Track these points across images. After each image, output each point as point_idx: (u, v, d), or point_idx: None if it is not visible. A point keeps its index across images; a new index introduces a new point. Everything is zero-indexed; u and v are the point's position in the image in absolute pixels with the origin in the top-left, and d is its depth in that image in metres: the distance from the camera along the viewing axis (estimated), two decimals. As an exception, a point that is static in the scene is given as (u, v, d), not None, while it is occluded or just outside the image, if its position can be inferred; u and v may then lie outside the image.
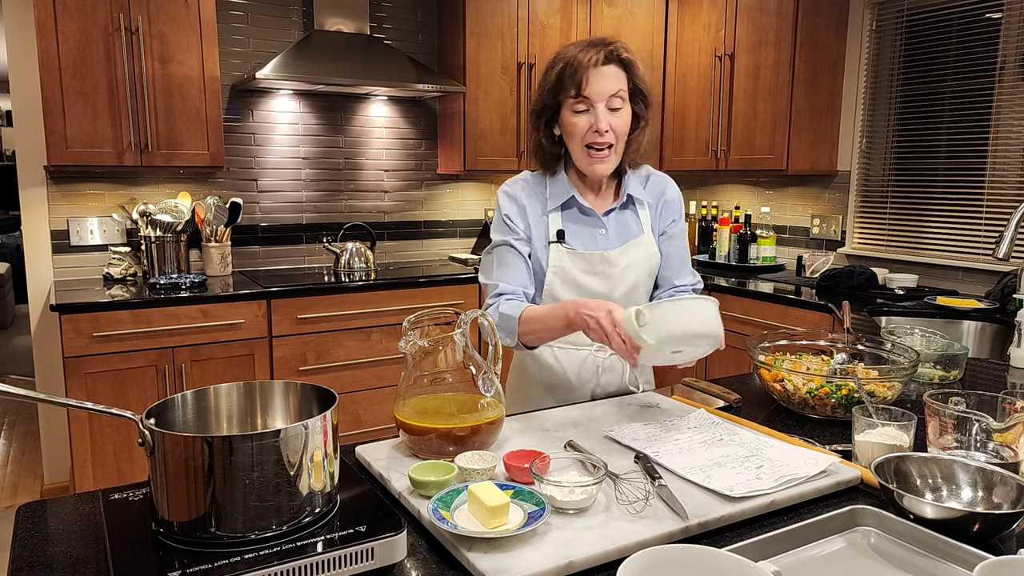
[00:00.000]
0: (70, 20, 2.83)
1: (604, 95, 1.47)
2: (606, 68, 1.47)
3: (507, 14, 3.70)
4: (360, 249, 3.61)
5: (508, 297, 1.53)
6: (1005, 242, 1.95)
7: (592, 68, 1.47)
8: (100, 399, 2.78)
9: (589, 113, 1.49)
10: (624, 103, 1.50)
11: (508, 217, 1.58)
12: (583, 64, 1.47)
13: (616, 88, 1.48)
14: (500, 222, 1.60)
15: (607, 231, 1.60)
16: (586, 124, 1.49)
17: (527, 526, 0.92)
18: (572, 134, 1.52)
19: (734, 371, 3.28)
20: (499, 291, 1.55)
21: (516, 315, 1.48)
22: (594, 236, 1.60)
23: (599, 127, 1.48)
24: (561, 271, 1.57)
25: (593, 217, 1.60)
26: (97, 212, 3.30)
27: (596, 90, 1.47)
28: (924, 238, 3.34)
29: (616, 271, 1.58)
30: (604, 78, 1.47)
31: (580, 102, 1.48)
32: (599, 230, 1.60)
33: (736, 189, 4.18)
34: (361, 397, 3.30)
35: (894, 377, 1.45)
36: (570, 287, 1.57)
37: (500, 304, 1.51)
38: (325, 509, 0.92)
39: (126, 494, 0.99)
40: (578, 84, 1.47)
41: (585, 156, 1.52)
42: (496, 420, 1.22)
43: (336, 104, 3.74)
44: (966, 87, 3.14)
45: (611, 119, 1.49)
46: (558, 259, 1.57)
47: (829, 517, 1.00)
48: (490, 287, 1.57)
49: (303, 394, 1.03)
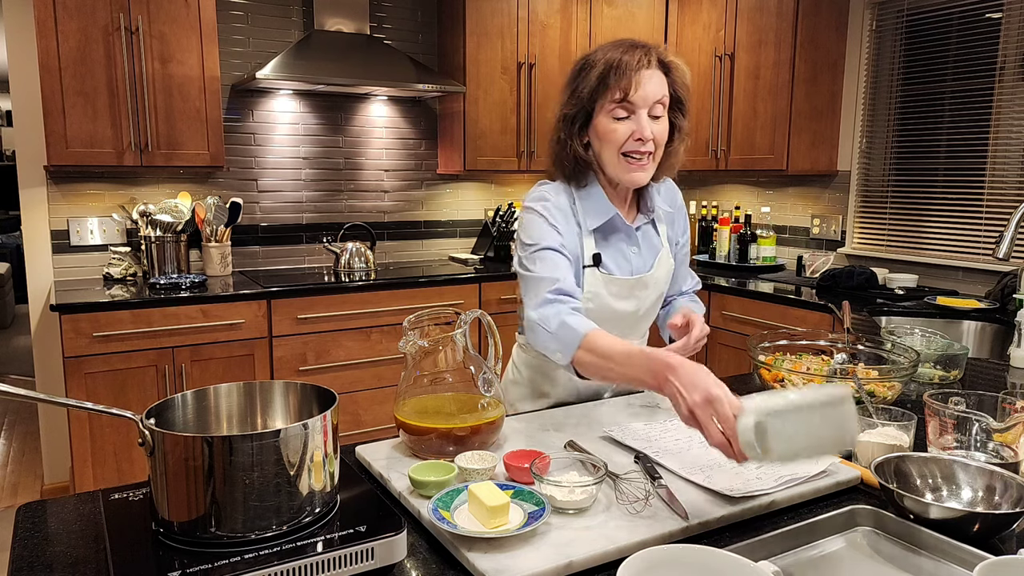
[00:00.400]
0: (70, 20, 2.83)
1: (648, 101, 1.37)
2: (652, 72, 1.37)
3: (507, 14, 3.70)
4: (360, 249, 3.61)
5: (575, 306, 1.34)
6: (1005, 242, 1.95)
7: (643, 70, 1.36)
8: (100, 399, 2.78)
9: (630, 120, 1.37)
10: (664, 110, 1.41)
11: (555, 225, 1.43)
12: (630, 66, 1.35)
13: (660, 94, 1.38)
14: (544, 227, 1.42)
15: (640, 249, 1.52)
16: (627, 131, 1.38)
17: (527, 526, 0.92)
18: (610, 141, 1.40)
19: (734, 371, 3.28)
20: (559, 288, 1.35)
21: (582, 332, 1.27)
22: (627, 255, 1.51)
23: (643, 134, 1.37)
24: (596, 296, 1.48)
25: (628, 232, 1.51)
26: (97, 212, 3.30)
27: (642, 95, 1.36)
28: (924, 238, 3.34)
29: (648, 291, 1.53)
30: (651, 82, 1.36)
31: (622, 107, 1.37)
32: (632, 248, 1.51)
33: (736, 189, 4.18)
34: (361, 397, 3.30)
35: (894, 377, 1.45)
36: (604, 312, 1.49)
37: (565, 311, 1.31)
38: (325, 509, 0.92)
39: (126, 494, 0.99)
40: (625, 88, 1.35)
41: (623, 164, 1.40)
42: (496, 420, 1.22)
43: (336, 104, 3.74)
44: (966, 87, 3.14)
45: (653, 126, 1.39)
46: (593, 284, 1.47)
47: (829, 517, 1.00)
48: (544, 281, 1.36)
49: (303, 394, 1.03)
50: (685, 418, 1.02)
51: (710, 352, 3.43)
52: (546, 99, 3.86)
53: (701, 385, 1.00)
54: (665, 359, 1.08)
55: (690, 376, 1.03)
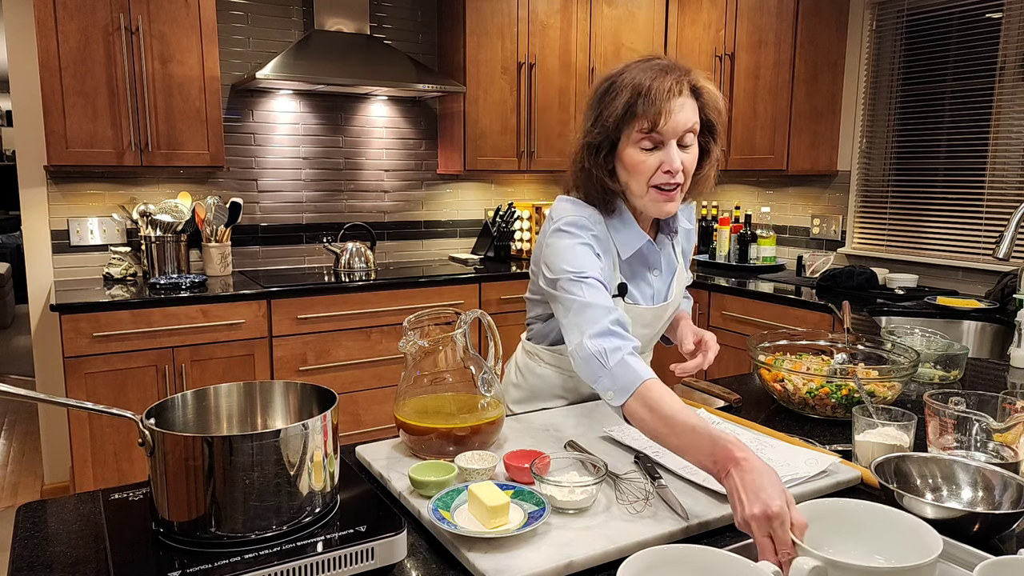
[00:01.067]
0: (70, 20, 2.83)
1: (679, 132, 1.28)
2: (684, 100, 1.28)
3: (507, 14, 3.70)
4: (360, 249, 3.61)
5: (636, 346, 1.21)
6: (1005, 242, 1.95)
7: (675, 99, 1.26)
8: (100, 399, 2.78)
9: (659, 150, 1.29)
10: (695, 138, 1.32)
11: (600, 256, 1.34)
12: (660, 94, 1.25)
13: (691, 122, 1.29)
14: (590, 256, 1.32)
15: (661, 271, 1.48)
16: (655, 163, 1.29)
17: (527, 526, 0.92)
18: (638, 172, 1.31)
19: (734, 371, 3.28)
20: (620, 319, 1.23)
21: (644, 377, 1.13)
22: (648, 280, 1.46)
23: (673, 167, 1.28)
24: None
25: (651, 256, 1.45)
26: (97, 212, 3.30)
27: (672, 127, 1.27)
28: (924, 238, 3.34)
29: (666, 315, 1.51)
30: (682, 111, 1.27)
31: (649, 138, 1.28)
32: (653, 272, 1.46)
33: (736, 189, 4.18)
34: (361, 397, 3.30)
35: (894, 377, 1.45)
36: None
37: (627, 349, 1.18)
38: (325, 509, 0.92)
39: (126, 494, 0.99)
40: (654, 119, 1.26)
41: (651, 195, 1.32)
42: (496, 420, 1.22)
43: (336, 104, 3.74)
44: (966, 87, 3.14)
45: (683, 156, 1.30)
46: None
47: (829, 517, 1.00)
48: (600, 309, 1.23)
49: (303, 394, 1.03)
50: (740, 525, 0.93)
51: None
52: (546, 99, 3.86)
53: (764, 496, 0.90)
54: (732, 451, 0.97)
55: (755, 481, 0.93)
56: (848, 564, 0.79)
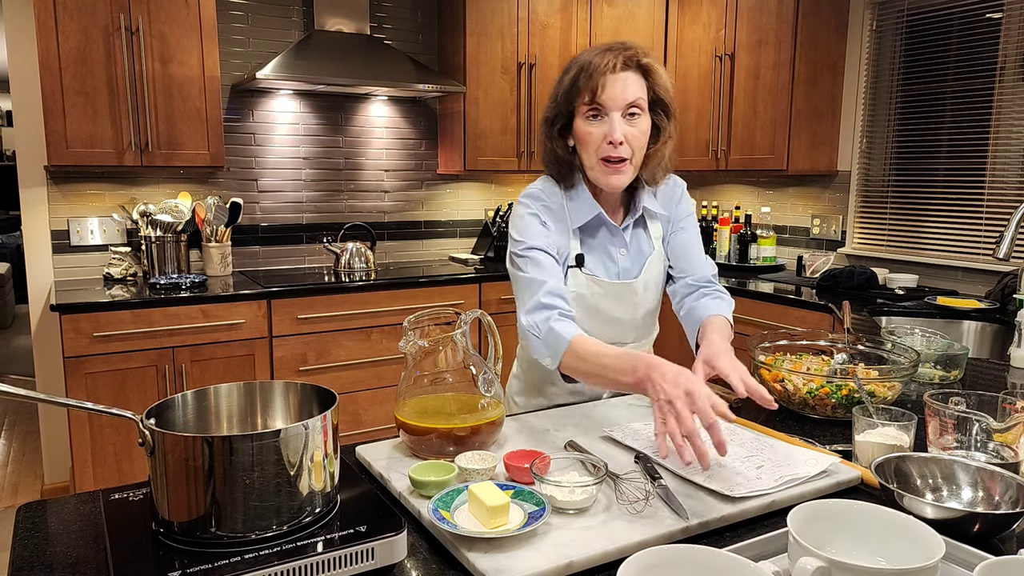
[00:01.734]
0: (70, 20, 2.83)
1: (619, 103, 1.37)
2: (624, 74, 1.37)
3: (507, 14, 3.70)
4: (360, 249, 3.61)
5: (562, 312, 1.35)
6: (1005, 242, 1.95)
7: (609, 73, 1.36)
8: (100, 399, 2.78)
9: (603, 122, 1.38)
10: (643, 113, 1.40)
11: (546, 224, 1.45)
12: (599, 69, 1.36)
13: (634, 96, 1.37)
14: (536, 226, 1.45)
15: (628, 251, 1.53)
16: (600, 134, 1.39)
17: (527, 526, 0.92)
18: (585, 143, 1.41)
19: (734, 371, 3.28)
20: (548, 291, 1.37)
21: (568, 337, 1.30)
22: (613, 256, 1.52)
23: (613, 137, 1.37)
24: (580, 298, 1.49)
25: (614, 234, 1.52)
26: (97, 212, 3.30)
27: (610, 96, 1.36)
28: (924, 238, 3.34)
29: (637, 297, 1.53)
30: (620, 84, 1.36)
31: (593, 109, 1.38)
32: (619, 249, 1.52)
33: (736, 189, 4.18)
34: (361, 397, 3.30)
35: (894, 377, 1.45)
36: (590, 312, 1.50)
37: (553, 317, 1.34)
38: (325, 509, 0.92)
39: (126, 494, 0.99)
40: (592, 90, 1.37)
41: (600, 167, 1.41)
42: (496, 420, 1.22)
43: (336, 104, 3.74)
44: (966, 87, 3.14)
45: (627, 129, 1.38)
46: (576, 285, 1.49)
47: (829, 517, 1.00)
48: (533, 284, 1.39)
49: (303, 394, 1.03)
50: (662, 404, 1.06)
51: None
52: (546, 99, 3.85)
53: (683, 380, 1.07)
54: (650, 360, 1.14)
55: (674, 371, 1.10)
56: (852, 565, 0.78)
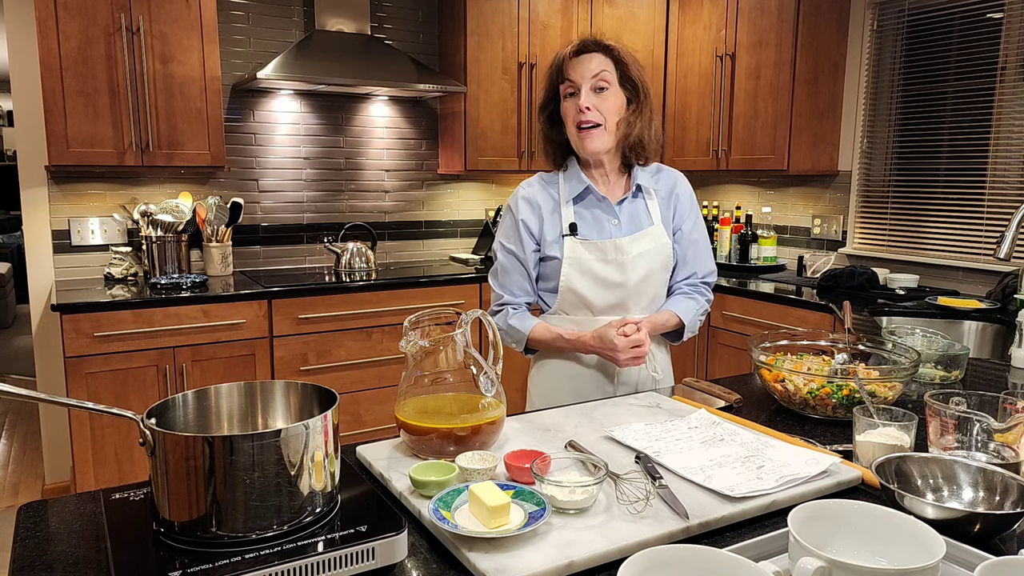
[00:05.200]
0: (71, 20, 2.83)
1: (586, 76, 1.60)
2: (585, 55, 1.61)
3: (508, 14, 3.70)
4: (361, 249, 3.61)
5: (515, 307, 1.71)
6: (1006, 242, 1.95)
7: (571, 57, 1.61)
8: (101, 399, 2.78)
9: (576, 96, 1.61)
10: (610, 85, 1.61)
11: (525, 223, 1.68)
12: (566, 52, 1.62)
13: (598, 69, 1.60)
14: (514, 227, 1.69)
15: (620, 221, 1.68)
16: (574, 106, 1.61)
17: (528, 526, 0.92)
18: (566, 117, 1.64)
19: (735, 371, 3.28)
20: (504, 302, 1.71)
21: (525, 331, 1.67)
22: (605, 225, 1.67)
23: (580, 105, 1.59)
24: (576, 262, 1.65)
25: (606, 205, 1.68)
26: (98, 212, 3.30)
27: (578, 72, 1.60)
28: (925, 238, 3.33)
29: (629, 259, 1.65)
30: (584, 62, 1.60)
31: (568, 86, 1.62)
32: (612, 219, 1.68)
33: (737, 189, 4.17)
34: (362, 397, 3.30)
35: (895, 377, 1.45)
36: (587, 276, 1.65)
37: (509, 315, 1.70)
38: (326, 509, 0.92)
39: (127, 494, 0.99)
40: (564, 70, 1.62)
41: (577, 135, 1.63)
42: (497, 420, 1.22)
43: (337, 104, 3.74)
44: (967, 87, 3.14)
45: (594, 99, 1.60)
46: (572, 250, 1.65)
47: (830, 517, 1.00)
48: (494, 295, 1.73)
49: (304, 394, 1.03)
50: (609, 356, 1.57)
51: (711, 352, 3.43)
52: (547, 99, 3.85)
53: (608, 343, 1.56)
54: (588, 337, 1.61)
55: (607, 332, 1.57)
56: (853, 565, 0.78)
